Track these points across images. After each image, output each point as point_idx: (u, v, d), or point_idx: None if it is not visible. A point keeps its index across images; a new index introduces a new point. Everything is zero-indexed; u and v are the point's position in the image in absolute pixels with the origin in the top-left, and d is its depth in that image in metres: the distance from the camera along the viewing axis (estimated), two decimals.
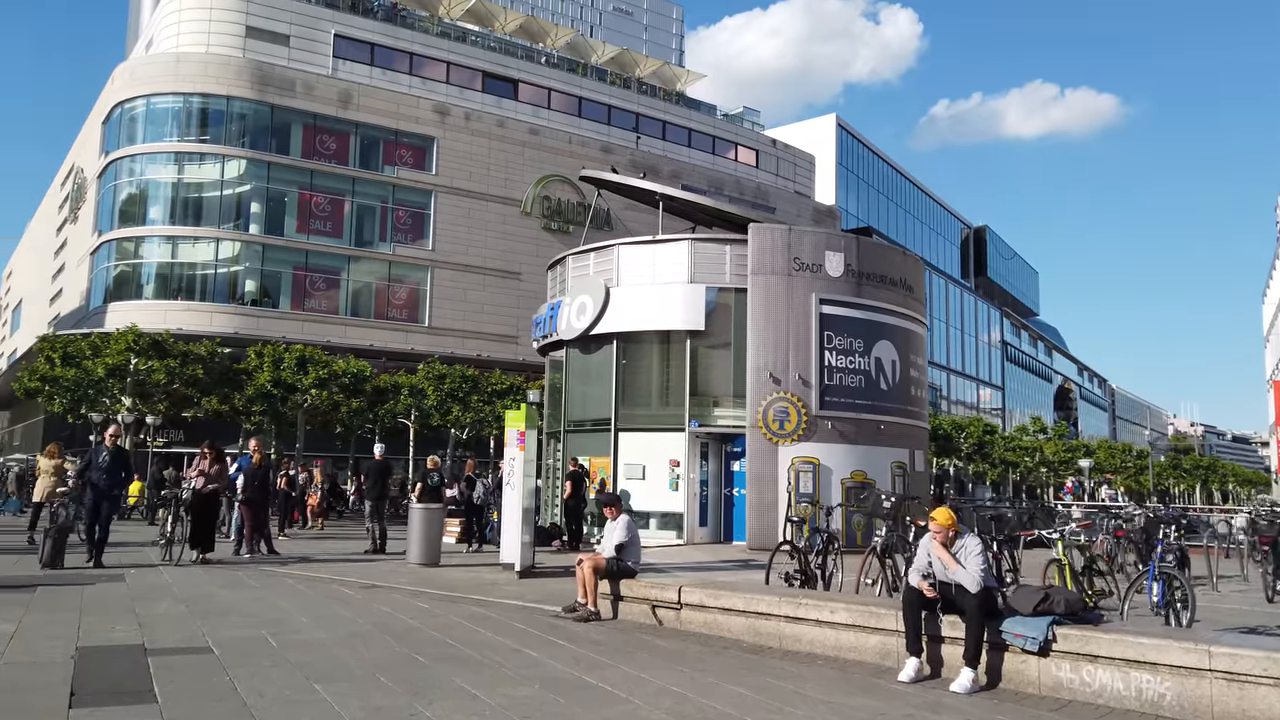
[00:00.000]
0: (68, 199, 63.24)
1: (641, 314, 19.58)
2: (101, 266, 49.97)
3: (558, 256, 22.06)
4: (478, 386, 33.79)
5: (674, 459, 19.20)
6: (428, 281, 51.99)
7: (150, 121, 48.97)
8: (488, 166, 53.79)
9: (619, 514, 10.10)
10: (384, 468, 16.78)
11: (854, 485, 18.46)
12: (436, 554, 14.57)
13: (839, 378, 18.68)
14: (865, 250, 19.35)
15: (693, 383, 19.32)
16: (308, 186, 49.86)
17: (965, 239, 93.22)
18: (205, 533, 13.72)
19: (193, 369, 27.39)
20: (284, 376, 28.78)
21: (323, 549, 17.46)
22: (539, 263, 56.05)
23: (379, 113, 51.10)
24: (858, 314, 19.02)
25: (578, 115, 58.74)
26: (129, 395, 27.87)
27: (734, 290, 19.26)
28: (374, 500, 16.53)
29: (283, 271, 49.72)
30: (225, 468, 14.69)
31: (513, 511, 13.98)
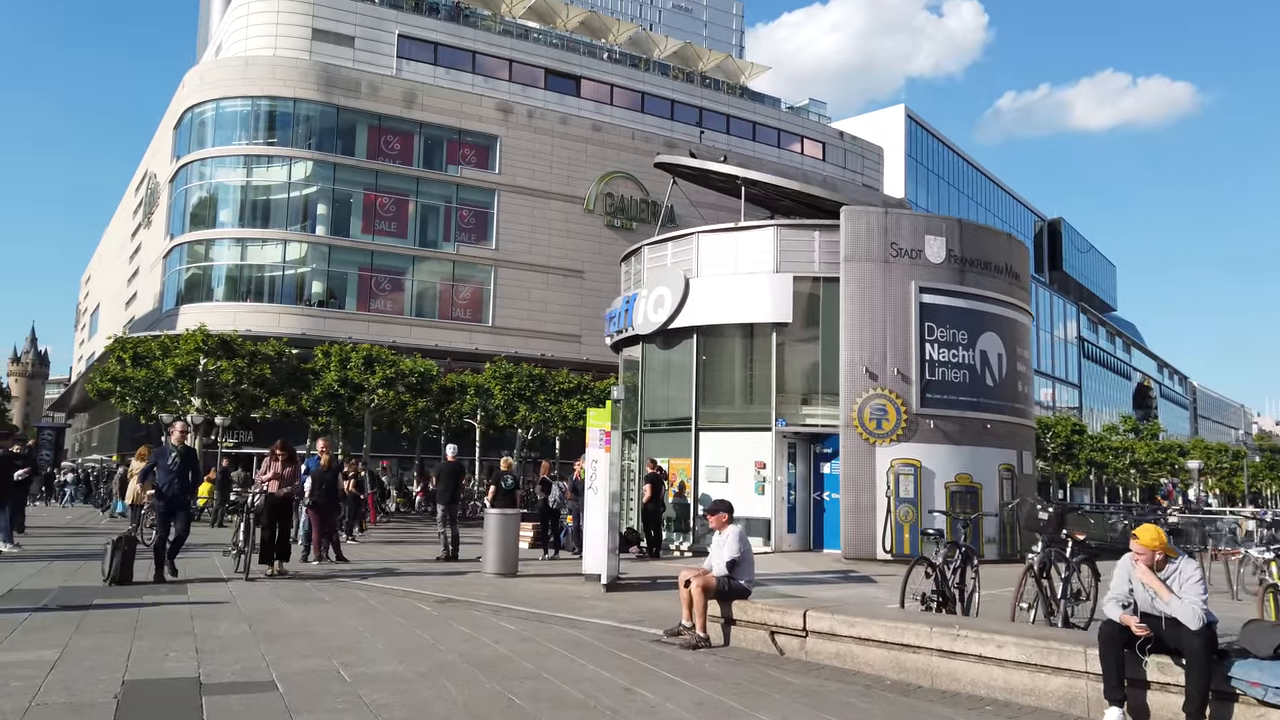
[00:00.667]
0: (141, 204, 64.21)
1: (723, 306, 18.30)
2: (174, 270, 50.39)
3: (632, 247, 20.90)
4: (544, 386, 32.82)
5: (760, 460, 17.88)
6: (491, 281, 51.39)
7: (219, 125, 49.19)
8: (550, 164, 53.00)
9: (729, 524, 8.83)
10: (456, 470, 15.78)
11: (959, 490, 16.93)
12: (514, 563, 13.48)
13: (941, 373, 17.15)
14: (968, 234, 17.78)
15: (779, 379, 17.97)
16: (373, 187, 49.63)
17: (1039, 231, 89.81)
18: (280, 542, 12.52)
19: (260, 369, 26.87)
20: (351, 376, 28.14)
21: (392, 555, 16.54)
22: (602, 261, 55.23)
23: (443, 112, 50.65)
24: (960, 303, 17.48)
25: (640, 111, 57.66)
26: (198, 395, 27.48)
27: (824, 280, 17.89)
28: (446, 504, 15.53)
29: (348, 272, 49.55)
30: (299, 469, 13.43)
31: (596, 518, 12.84)
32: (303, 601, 10.06)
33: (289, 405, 31.65)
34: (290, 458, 12.98)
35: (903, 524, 16.47)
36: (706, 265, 18.70)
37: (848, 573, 14.98)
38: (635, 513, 19.20)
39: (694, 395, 18.56)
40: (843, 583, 13.89)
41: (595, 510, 12.83)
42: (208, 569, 12.52)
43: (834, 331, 17.51)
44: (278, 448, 12.89)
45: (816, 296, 17.94)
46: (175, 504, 11.54)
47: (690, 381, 18.69)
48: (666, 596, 11.57)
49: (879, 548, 16.44)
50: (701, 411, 18.56)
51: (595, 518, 12.82)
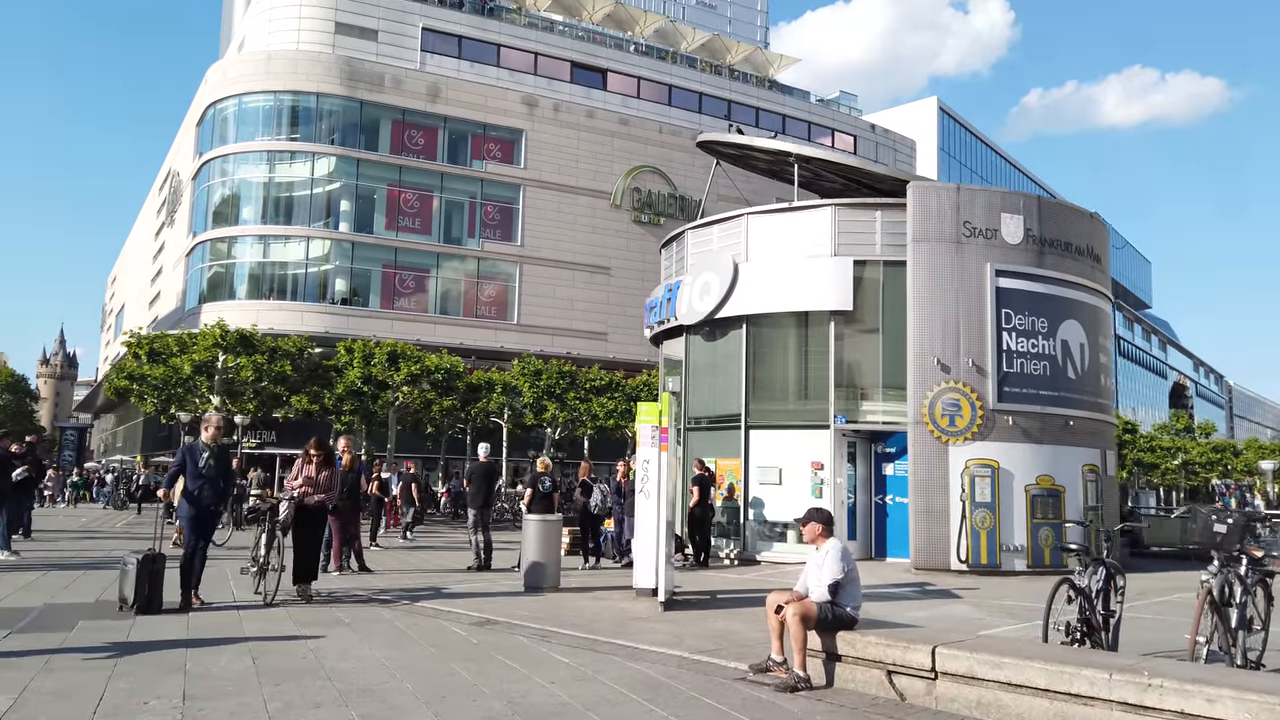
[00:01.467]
0: (165, 203, 63.47)
1: (776, 293, 16.74)
2: (196, 268, 49.46)
3: (675, 231, 19.37)
4: (574, 383, 31.37)
5: (816, 461, 16.30)
6: (516, 278, 50.11)
7: (242, 121, 48.19)
8: (576, 159, 51.65)
9: (828, 537, 7.30)
10: (489, 470, 14.31)
11: (1040, 494, 15.27)
12: (557, 575, 11.99)
13: (1020, 364, 15.50)
14: (1047, 212, 16.12)
15: (837, 372, 16.38)
16: (396, 183, 48.51)
17: None
18: (309, 560, 10.49)
19: (280, 365, 25.59)
20: (374, 373, 26.82)
21: (419, 563, 15.10)
22: (629, 257, 53.78)
23: (467, 106, 49.44)
24: (1040, 288, 15.82)
25: (668, 104, 56.22)
26: (217, 394, 26.23)
27: (887, 263, 16.29)
28: (478, 509, 14.08)
29: (372, 270, 48.42)
30: (336, 473, 11.05)
31: (649, 526, 11.33)
32: (321, 625, 8.61)
33: (311, 404, 30.41)
34: (327, 459, 10.70)
35: (979, 531, 14.84)
36: (757, 249, 17.15)
37: (923, 586, 13.37)
38: (680, 518, 17.70)
39: (743, 390, 17.02)
40: (922, 599, 12.29)
41: (647, 516, 11.34)
42: (218, 586, 11.05)
43: (899, 319, 15.91)
44: (312, 447, 10.61)
45: (879, 282, 16.34)
46: (206, 515, 9.52)
47: (739, 375, 17.14)
48: (734, 616, 10.05)
49: (953, 557, 14.82)
50: (752, 408, 17.01)
51: (647, 525, 11.33)
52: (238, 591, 10.65)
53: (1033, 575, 14.93)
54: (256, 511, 11.47)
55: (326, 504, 10.80)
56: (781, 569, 15.23)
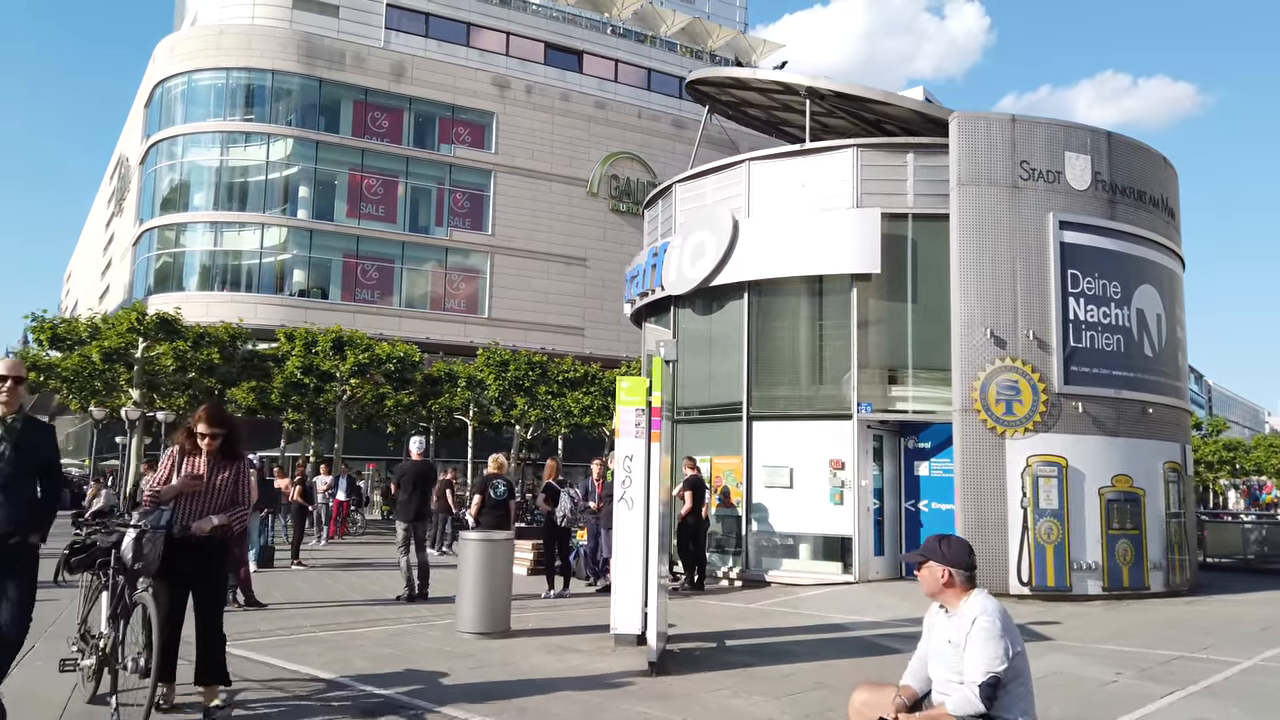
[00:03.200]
0: (115, 192, 59.44)
1: (784, 254, 13.49)
2: (143, 257, 45.59)
3: (661, 185, 16.08)
4: (545, 375, 27.95)
5: (836, 459, 13.06)
6: (487, 269, 46.66)
7: (191, 101, 44.41)
8: (551, 143, 48.28)
9: (969, 590, 4.04)
10: (423, 472, 10.93)
11: (1117, 498, 12.11)
12: (504, 615, 8.63)
13: (1089, 337, 12.34)
14: (1118, 153, 12.96)
15: (861, 350, 13.15)
16: (359, 167, 44.91)
17: None
18: (210, 642, 5.37)
19: (207, 353, 22.02)
20: (316, 362, 23.29)
21: (340, 589, 11.69)
22: (606, 248, 50.36)
23: (434, 86, 45.95)
24: (1112, 244, 12.66)
25: (647, 89, 52.96)
26: (136, 386, 22.61)
27: (922, 217, 13.11)
28: (409, 521, 10.70)
29: (332, 259, 44.76)
30: (245, 472, 5.65)
31: (631, 545, 8.05)
32: None
33: (254, 400, 26.86)
34: (228, 448, 5.54)
35: (1044, 545, 11.65)
36: (762, 202, 13.90)
37: None
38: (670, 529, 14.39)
39: (745, 373, 13.76)
40: None
41: (630, 533, 8.05)
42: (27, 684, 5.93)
43: (939, 283, 12.72)
44: (200, 422, 5.51)
45: (912, 239, 13.14)
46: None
47: (740, 355, 13.88)
48: (764, 685, 6.72)
49: (1012, 578, 11.62)
50: (755, 395, 13.75)
51: (630, 545, 8.04)
52: (50, 689, 5.83)
53: (1110, 600, 11.77)
54: (85, 550, 5.44)
55: (229, 530, 5.46)
56: (798, 594, 11.94)
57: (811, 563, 13.20)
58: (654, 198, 16.37)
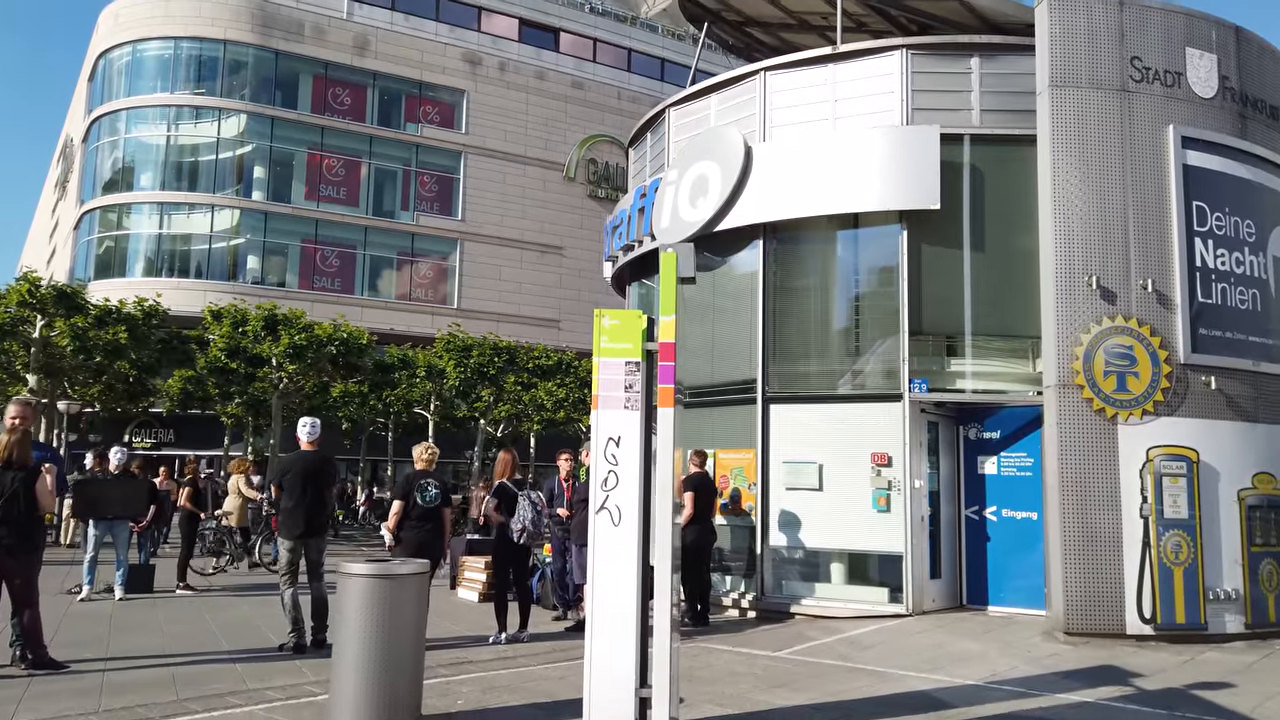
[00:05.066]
0: (60, 175, 55.36)
1: (812, 187, 10.25)
2: (84, 240, 41.67)
3: (650, 113, 12.80)
4: (514, 363, 24.54)
5: (880, 452, 9.84)
6: (456, 257, 43.19)
7: (137, 73, 40.59)
8: (525, 125, 44.91)
9: None
10: (314, 467, 7.55)
11: (1259, 503, 8.96)
12: (416, 686, 5.29)
13: (1221, 291, 9.19)
14: (1248, 56, 9.83)
15: (914, 310, 9.94)
16: (318, 146, 41.29)
17: None
18: None
19: (113, 331, 18.44)
20: (244, 344, 19.76)
21: (204, 630, 8.26)
22: (584, 236, 46.94)
23: (401, 61, 42.44)
24: (1244, 172, 9.53)
25: (627, 70, 49.68)
26: (34, 371, 18.99)
27: (989, 139, 9.95)
28: (295, 536, 7.35)
29: (289, 245, 41.07)
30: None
31: (617, 585, 4.78)
32: None
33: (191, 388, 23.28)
34: None
35: (1171, 568, 8.48)
36: (781, 123, 10.67)
37: (1125, 679, 6.93)
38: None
39: (760, 343, 10.51)
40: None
41: (615, 564, 4.79)
42: None
43: (1014, 224, 9.60)
44: None
45: (976, 168, 9.96)
46: None
47: (753, 320, 10.63)
48: None
49: (1130, 613, 8.43)
50: (773, 370, 10.50)
51: (616, 583, 4.77)
52: None
53: (1254, 640, 8.63)
54: None
55: None
56: (839, 632, 8.68)
57: (848, 588, 9.95)
58: (641, 130, 13.09)
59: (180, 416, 32.76)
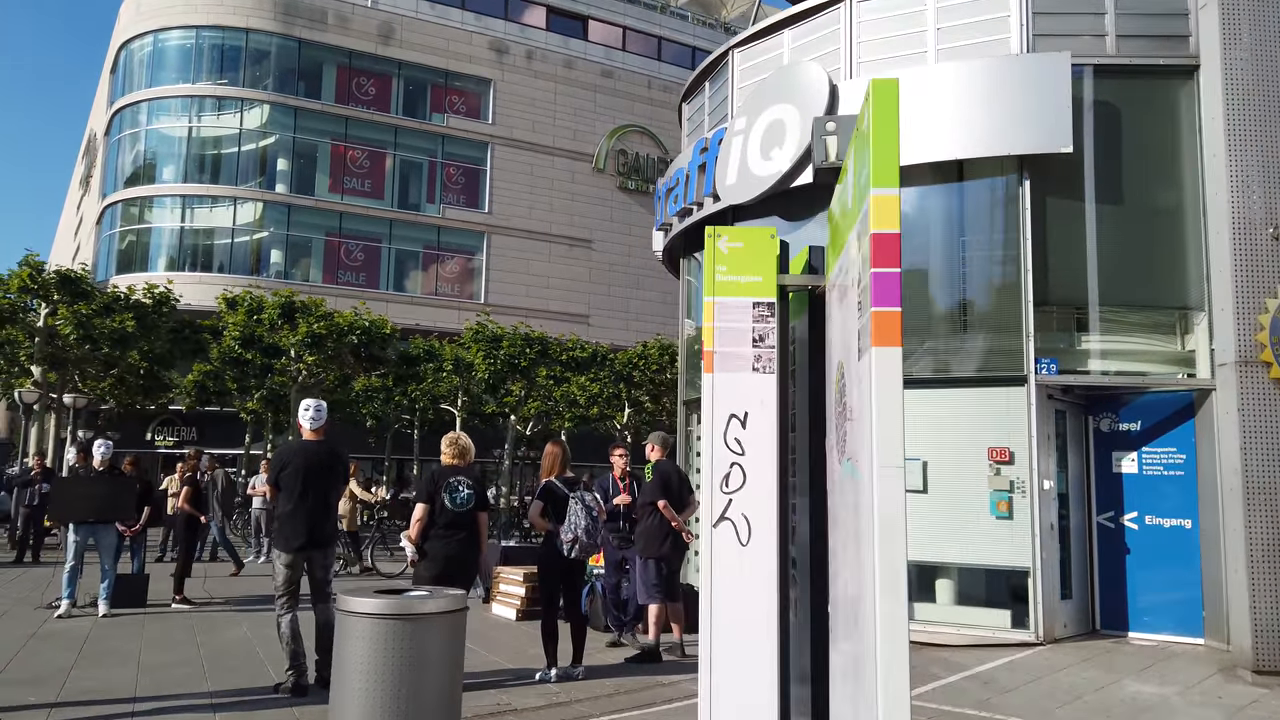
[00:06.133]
0: (84, 170, 54.63)
1: (909, 131, 8.55)
2: (106, 234, 40.70)
3: (713, 55, 11.14)
4: (547, 355, 22.95)
5: (999, 447, 8.12)
6: (483, 250, 41.78)
7: (158, 64, 39.54)
8: (553, 114, 43.44)
9: None
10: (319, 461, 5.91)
11: None
12: None
13: None
14: None
15: (1039, 276, 8.22)
16: (342, 138, 40.03)
17: None
18: None
19: (119, 319, 17.07)
20: (260, 333, 18.32)
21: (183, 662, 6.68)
22: (614, 229, 45.35)
23: (426, 50, 41.11)
24: None
25: (657, 59, 48.07)
26: (38, 362, 17.68)
27: (1129, 71, 8.21)
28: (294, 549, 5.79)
29: (313, 238, 39.83)
30: None
31: (749, 636, 3.10)
32: None
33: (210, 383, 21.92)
34: None
35: None
36: (870, 57, 8.98)
37: None
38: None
39: None
40: None
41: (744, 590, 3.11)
42: None
43: (1162, 168, 7.85)
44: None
45: (1109, 107, 8.22)
46: None
47: None
48: None
49: None
50: None
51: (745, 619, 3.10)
52: None
53: None
54: None
55: None
56: (959, 665, 6.97)
57: (960, 610, 8.24)
58: (699, 79, 11.46)
59: (201, 414, 31.57)
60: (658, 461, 7.53)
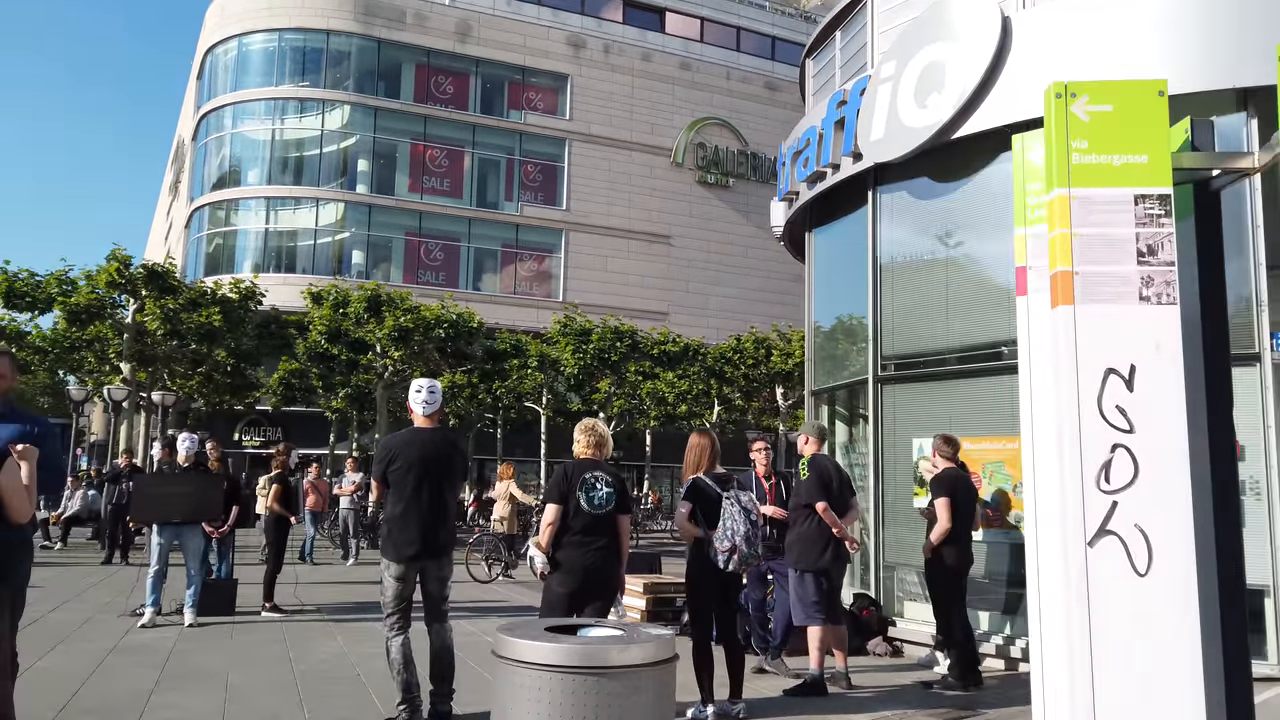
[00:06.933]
0: (173, 177, 55.88)
1: (1099, 64, 7.18)
2: (194, 238, 41.33)
3: (843, 4, 9.85)
4: (637, 348, 21.87)
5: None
6: (561, 248, 41.12)
7: (242, 68, 39.94)
8: (631, 109, 42.54)
9: None
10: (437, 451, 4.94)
11: None
12: None
13: None
14: None
15: (1270, 235, 6.78)
16: (421, 137, 39.85)
17: None
18: None
19: (206, 314, 16.62)
20: (346, 327, 17.70)
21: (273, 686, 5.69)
22: (693, 224, 44.17)
23: (503, 46, 40.66)
24: None
25: (735, 49, 46.74)
26: (127, 359, 17.37)
27: None
28: (405, 559, 4.75)
29: (393, 238, 39.74)
30: None
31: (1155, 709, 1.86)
32: None
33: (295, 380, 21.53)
34: None
35: None
36: None
37: None
38: (870, 563, 8.31)
39: None
40: None
41: (1147, 641, 1.91)
42: None
43: None
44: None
45: None
46: None
47: (1011, 260, 7.57)
48: None
49: None
50: None
51: (1145, 682, 1.88)
52: None
53: None
54: None
55: None
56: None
57: None
58: (825, 32, 10.17)
59: (286, 414, 31.51)
60: (813, 457, 6.34)
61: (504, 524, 12.64)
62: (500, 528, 12.70)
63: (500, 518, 12.65)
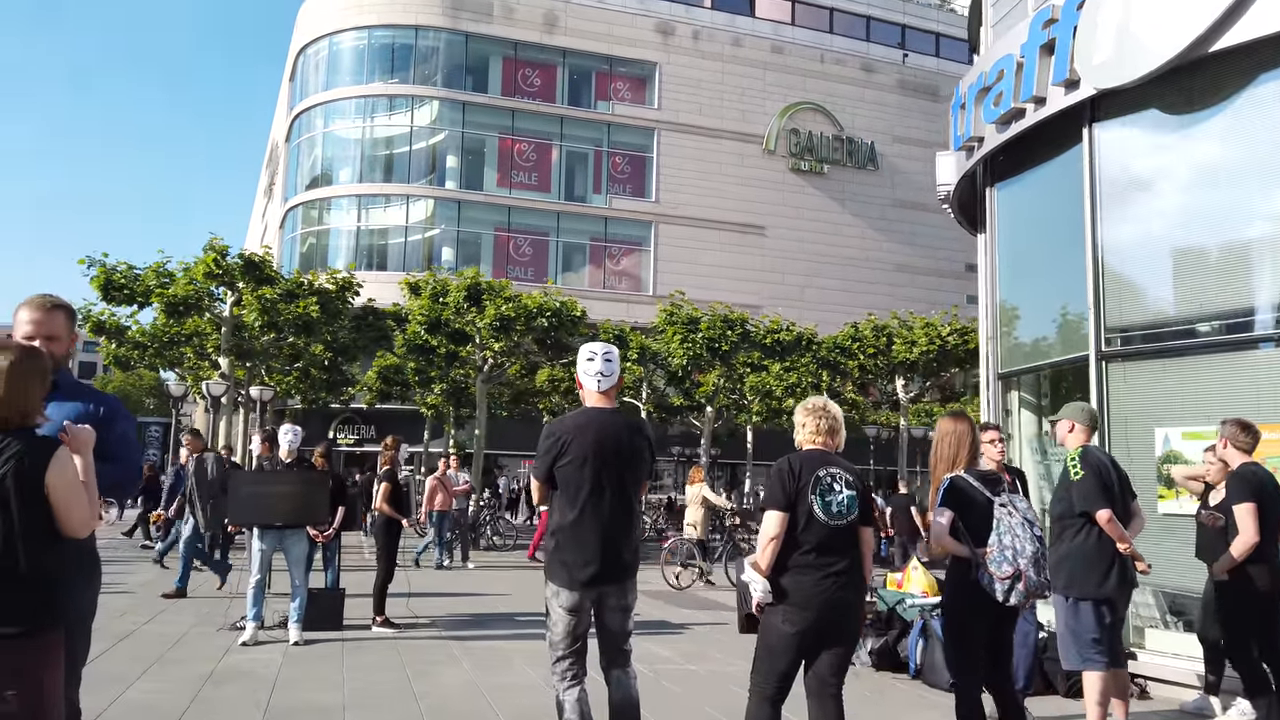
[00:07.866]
0: (268, 179, 56.76)
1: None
2: (289, 237, 41.57)
3: None
4: (749, 338, 20.38)
5: None
6: (651, 240, 39.91)
7: (333, 67, 39.95)
8: (720, 95, 41.04)
9: None
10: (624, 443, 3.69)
11: None
12: None
13: None
14: None
15: None
16: (509, 131, 39.17)
17: None
18: None
19: (303, 305, 15.90)
20: (446, 316, 16.75)
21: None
22: (786, 213, 42.33)
23: (590, 36, 39.66)
24: None
25: (828, 31, 44.73)
26: (225, 353, 16.80)
27: None
28: (580, 585, 3.48)
29: (482, 233, 39.17)
30: None
31: None
32: None
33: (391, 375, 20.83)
34: None
35: None
36: None
37: None
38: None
39: None
40: None
41: None
42: None
43: None
44: None
45: None
46: None
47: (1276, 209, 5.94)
48: None
49: None
50: None
51: None
52: None
53: None
54: None
55: None
56: None
57: None
58: None
59: (381, 411, 31.12)
60: (1084, 449, 4.83)
61: (696, 528, 12.55)
62: (693, 533, 12.53)
63: (693, 523, 12.55)
